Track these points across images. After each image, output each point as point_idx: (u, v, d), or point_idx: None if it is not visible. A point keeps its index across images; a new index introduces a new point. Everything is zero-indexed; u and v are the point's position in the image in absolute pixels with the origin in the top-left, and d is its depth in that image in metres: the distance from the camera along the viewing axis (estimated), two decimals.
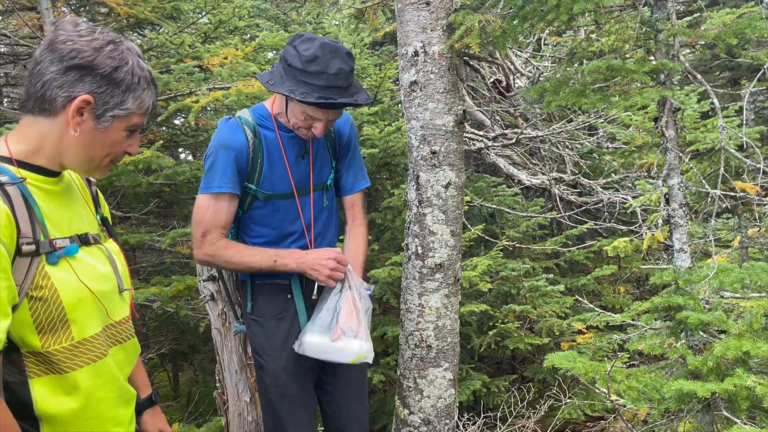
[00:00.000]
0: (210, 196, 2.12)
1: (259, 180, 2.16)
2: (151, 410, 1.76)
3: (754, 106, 8.69)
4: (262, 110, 2.21)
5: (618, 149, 5.60)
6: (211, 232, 2.14)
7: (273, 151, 2.15)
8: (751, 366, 2.10)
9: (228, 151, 2.08)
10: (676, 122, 2.34)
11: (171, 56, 3.60)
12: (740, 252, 3.80)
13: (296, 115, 2.06)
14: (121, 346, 1.44)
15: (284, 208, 2.23)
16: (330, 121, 2.10)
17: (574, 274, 5.35)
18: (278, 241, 2.25)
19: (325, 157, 2.31)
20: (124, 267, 1.49)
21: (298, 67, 1.97)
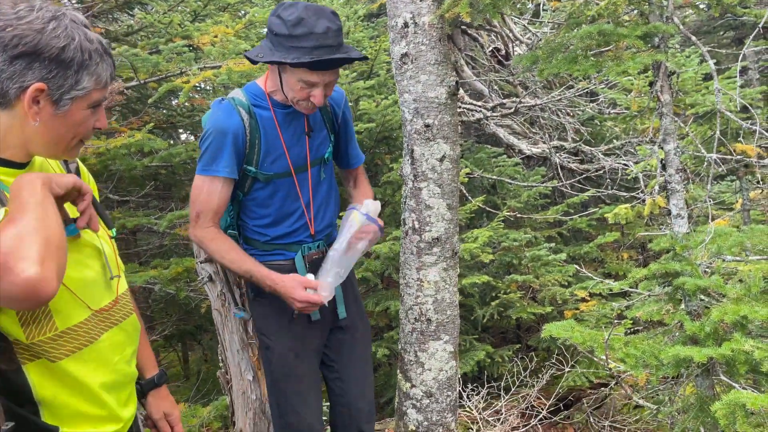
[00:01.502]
0: (205, 178, 2.10)
1: (258, 161, 2.12)
2: (156, 392, 1.74)
3: (759, 65, 8.54)
4: (255, 89, 2.16)
5: (619, 115, 5.54)
6: (203, 214, 2.12)
7: (269, 131, 2.12)
8: (750, 330, 2.09)
9: (224, 135, 2.03)
10: (672, 86, 2.30)
11: (160, 36, 3.56)
12: (742, 214, 3.76)
13: (292, 86, 2.00)
14: (119, 327, 1.42)
15: (284, 187, 2.20)
16: (328, 86, 2.03)
17: (577, 242, 5.34)
18: (280, 221, 2.22)
19: (322, 132, 2.27)
20: (111, 245, 1.45)
21: (284, 33, 1.91)
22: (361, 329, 2.44)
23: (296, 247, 2.26)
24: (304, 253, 2.25)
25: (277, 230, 2.23)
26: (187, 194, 3.98)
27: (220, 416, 3.14)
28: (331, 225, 2.36)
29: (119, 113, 3.72)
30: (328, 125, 2.29)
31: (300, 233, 2.26)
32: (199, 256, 2.70)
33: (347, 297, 2.39)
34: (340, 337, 2.39)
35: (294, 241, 2.26)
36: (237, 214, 2.31)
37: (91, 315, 1.33)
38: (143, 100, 3.78)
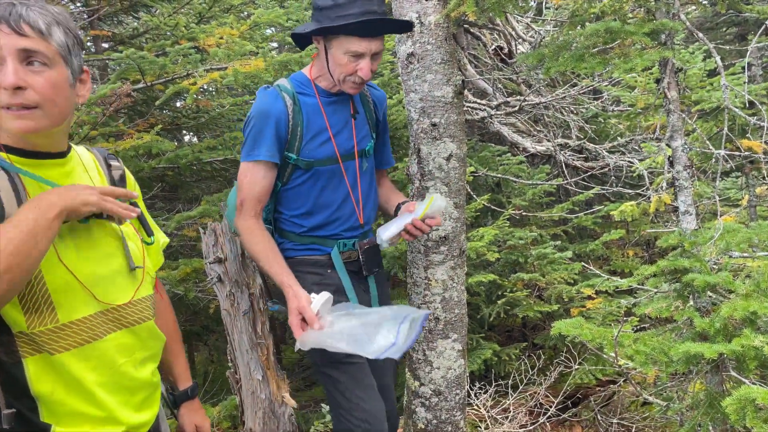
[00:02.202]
0: (248, 164, 2.09)
1: (299, 148, 2.12)
2: (189, 404, 1.76)
3: (763, 61, 8.53)
4: (301, 77, 2.18)
5: (623, 112, 5.54)
6: (246, 202, 2.11)
7: (313, 118, 2.13)
8: (759, 326, 2.09)
9: (267, 119, 2.05)
10: (679, 83, 2.30)
11: (166, 38, 3.57)
12: (749, 211, 3.76)
13: (338, 60, 2.02)
14: (129, 330, 1.40)
15: (326, 176, 2.17)
16: (375, 58, 2.03)
17: (582, 240, 5.34)
18: (317, 211, 2.20)
19: (365, 125, 2.29)
20: (139, 248, 1.47)
21: (329, 4, 1.96)
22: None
23: (331, 242, 2.22)
24: (340, 248, 2.22)
25: (314, 220, 2.20)
26: (194, 196, 4.00)
27: (230, 416, 3.16)
28: (369, 221, 2.33)
29: (126, 115, 3.74)
30: (371, 122, 2.31)
31: (338, 225, 2.22)
32: (209, 256, 2.72)
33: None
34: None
35: (330, 234, 2.22)
36: (273, 207, 2.28)
37: (98, 312, 1.33)
38: (149, 102, 3.79)
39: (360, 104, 2.26)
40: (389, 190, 2.47)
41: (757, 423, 1.74)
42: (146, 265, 1.49)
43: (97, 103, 2.77)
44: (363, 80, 2.05)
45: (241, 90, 4.70)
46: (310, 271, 2.21)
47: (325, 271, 2.21)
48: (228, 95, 4.73)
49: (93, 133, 2.85)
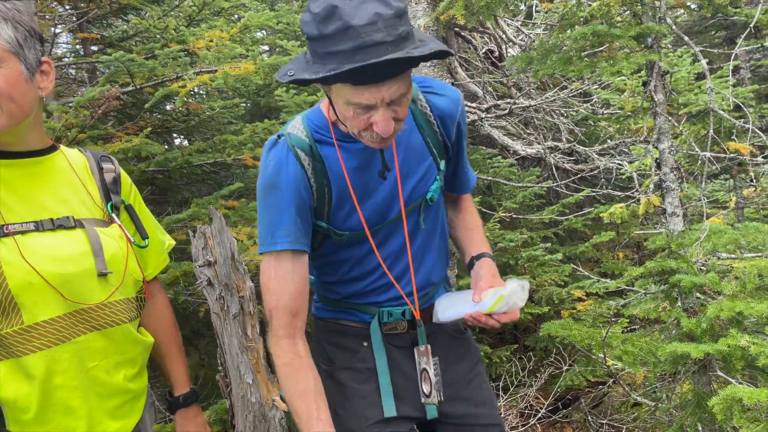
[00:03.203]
0: (268, 257, 1.55)
1: (329, 215, 1.58)
2: (183, 411, 1.72)
3: (751, 64, 8.61)
4: (318, 117, 1.57)
5: (612, 115, 5.58)
6: (275, 314, 1.55)
7: (339, 175, 1.55)
8: (746, 326, 2.12)
9: (280, 195, 1.51)
10: (665, 86, 2.32)
11: (156, 41, 3.57)
12: (736, 212, 3.80)
13: (344, 112, 1.40)
14: (102, 333, 1.37)
15: (365, 243, 1.62)
16: (397, 104, 1.37)
17: (573, 242, 5.37)
18: (354, 280, 1.68)
19: (422, 160, 1.61)
20: (122, 251, 1.43)
21: (314, 35, 1.31)
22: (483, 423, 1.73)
23: (374, 309, 1.67)
24: (382, 319, 1.66)
25: (350, 289, 1.69)
26: (184, 199, 3.99)
27: (220, 420, 3.15)
28: (428, 285, 1.71)
29: (115, 118, 3.73)
30: (435, 148, 1.64)
31: (380, 293, 1.67)
32: (198, 259, 2.71)
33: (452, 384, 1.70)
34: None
35: (371, 301, 1.68)
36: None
37: (68, 314, 1.31)
38: (139, 105, 3.79)
39: (413, 133, 1.60)
40: (468, 224, 1.79)
41: (744, 422, 1.75)
42: (130, 267, 1.45)
43: (85, 106, 2.76)
44: (384, 138, 1.41)
45: (231, 93, 4.69)
46: (341, 345, 1.72)
47: (360, 345, 1.69)
48: (218, 98, 4.73)
49: (81, 136, 2.84)
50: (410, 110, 1.57)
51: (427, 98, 1.60)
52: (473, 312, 1.51)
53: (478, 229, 1.77)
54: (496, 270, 1.62)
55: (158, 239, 1.67)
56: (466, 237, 1.75)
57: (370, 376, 1.65)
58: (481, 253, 1.67)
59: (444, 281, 1.78)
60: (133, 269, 1.48)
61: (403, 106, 1.39)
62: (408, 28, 1.31)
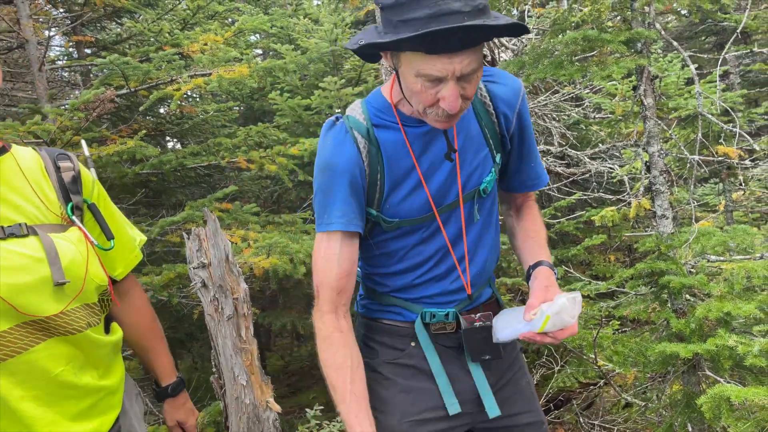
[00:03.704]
0: (321, 237, 1.55)
1: (380, 202, 1.56)
2: (171, 401, 1.73)
3: (740, 69, 8.71)
4: (378, 101, 1.56)
5: (604, 119, 5.63)
6: (322, 290, 1.55)
7: (396, 160, 1.53)
8: (734, 326, 2.15)
9: (335, 175, 1.51)
10: (655, 90, 2.36)
11: (150, 44, 3.58)
12: (725, 215, 3.84)
13: (411, 85, 1.36)
14: (62, 339, 1.32)
15: (419, 232, 1.60)
16: (466, 80, 1.34)
17: (565, 245, 5.40)
18: (406, 271, 1.64)
19: (479, 150, 1.59)
20: (81, 257, 1.34)
21: (389, 2, 1.30)
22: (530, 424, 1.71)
23: (418, 307, 1.64)
24: (425, 319, 1.63)
25: (398, 281, 1.65)
26: (178, 201, 4.00)
27: (214, 422, 3.15)
28: (477, 283, 1.67)
29: (109, 121, 3.74)
30: (492, 140, 1.60)
31: (427, 287, 1.64)
32: (192, 261, 2.72)
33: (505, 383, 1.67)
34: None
35: (418, 296, 1.65)
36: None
37: (19, 324, 1.25)
38: (132, 108, 3.79)
39: (471, 121, 1.58)
40: (529, 233, 1.71)
41: (732, 421, 1.78)
42: (92, 273, 1.37)
43: (80, 109, 2.77)
44: (450, 114, 1.38)
45: (225, 96, 4.71)
46: (387, 344, 1.68)
47: (407, 344, 1.65)
48: (212, 101, 4.74)
49: (75, 138, 2.84)
50: (473, 102, 1.55)
51: (487, 87, 1.57)
52: (526, 332, 1.46)
53: (539, 237, 1.67)
54: (552, 278, 1.53)
55: (127, 236, 1.60)
56: (526, 246, 1.67)
57: (416, 374, 1.63)
58: (538, 261, 1.58)
59: (490, 281, 1.73)
60: (95, 274, 1.39)
61: (473, 83, 1.36)
62: (485, 2, 1.29)
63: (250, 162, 3.61)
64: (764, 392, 1.69)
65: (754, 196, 4.46)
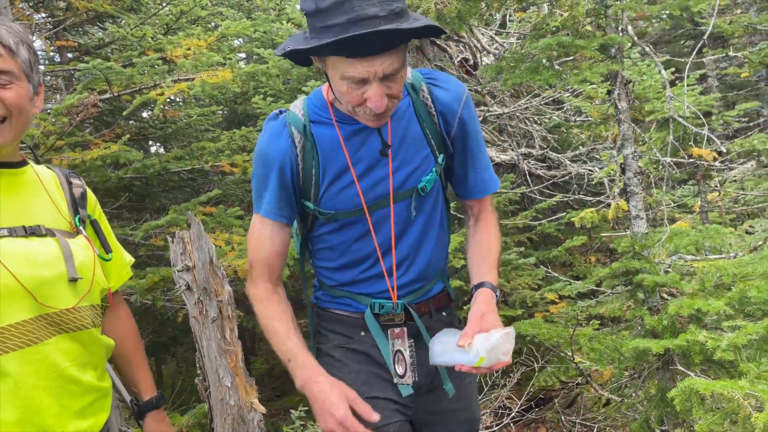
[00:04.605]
0: (256, 217, 1.64)
1: (317, 195, 1.61)
2: (153, 414, 1.77)
3: (716, 72, 8.87)
4: (318, 98, 1.62)
5: (584, 122, 5.73)
6: (255, 265, 1.64)
7: (331, 156, 1.58)
8: (705, 323, 2.22)
9: (268, 165, 1.58)
10: (629, 94, 2.43)
11: (133, 49, 3.60)
12: (701, 216, 3.94)
13: (338, 87, 1.43)
14: (70, 336, 1.42)
15: (356, 227, 1.63)
16: (391, 80, 1.40)
17: (546, 247, 5.48)
18: (349, 266, 1.68)
19: (419, 150, 1.61)
20: (90, 259, 1.48)
21: (312, 9, 1.37)
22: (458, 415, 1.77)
23: (366, 300, 1.67)
24: (374, 310, 1.65)
25: (345, 276, 1.70)
26: (161, 206, 4.02)
27: (198, 424, 3.17)
28: (423, 279, 1.70)
29: (92, 126, 3.74)
30: (434, 140, 1.63)
31: (375, 283, 1.67)
32: (177, 264, 2.74)
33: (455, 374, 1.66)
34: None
35: (366, 292, 1.68)
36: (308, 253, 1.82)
37: (38, 317, 1.35)
38: (115, 112, 3.80)
39: (412, 122, 1.61)
40: (480, 248, 1.70)
41: (702, 413, 1.84)
42: (97, 275, 1.50)
43: (63, 113, 2.78)
44: (378, 113, 1.43)
45: (209, 101, 4.73)
46: (338, 331, 1.72)
47: (357, 333, 1.69)
48: (195, 105, 4.75)
49: (59, 143, 2.85)
50: (411, 100, 1.60)
51: (430, 89, 1.62)
52: (462, 366, 1.47)
53: (490, 253, 1.67)
54: (492, 303, 1.54)
55: (121, 253, 1.72)
56: (473, 264, 1.67)
57: (366, 359, 1.67)
58: (481, 282, 1.59)
59: (442, 276, 1.77)
60: (100, 278, 1.52)
61: (397, 82, 1.42)
62: (402, 5, 1.36)
63: (233, 166, 3.64)
64: (731, 385, 1.75)
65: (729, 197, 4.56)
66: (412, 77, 1.61)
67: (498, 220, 1.77)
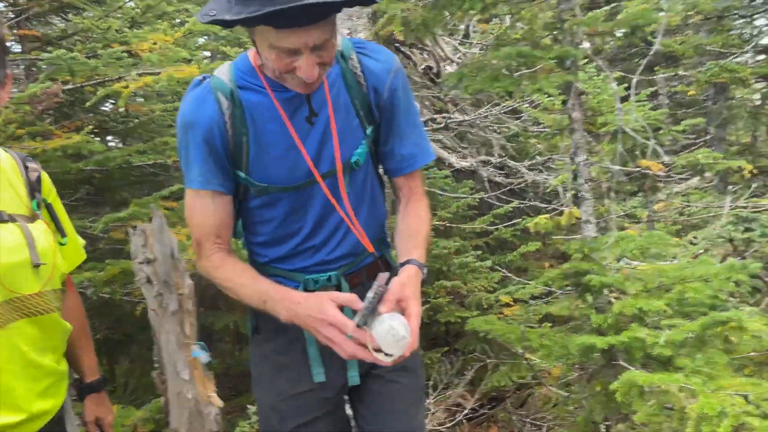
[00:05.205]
0: (191, 193, 1.56)
1: (248, 165, 1.53)
2: (94, 396, 1.83)
3: (666, 90, 9.25)
4: (244, 63, 1.53)
5: (541, 132, 5.92)
6: (204, 241, 1.57)
7: (263, 122, 1.50)
8: (647, 321, 2.36)
9: (193, 134, 1.49)
10: (582, 105, 2.56)
11: (97, 41, 3.58)
12: (648, 225, 4.13)
13: (267, 55, 1.36)
14: (31, 320, 1.45)
15: (290, 200, 1.58)
16: (322, 50, 1.34)
17: (503, 251, 5.63)
18: (279, 241, 1.64)
19: (349, 120, 1.56)
20: (50, 245, 1.51)
21: None
22: (403, 382, 1.72)
23: (299, 276, 1.65)
24: (308, 287, 1.63)
25: (275, 251, 1.66)
26: (122, 199, 3.98)
27: (153, 419, 3.16)
28: (356, 253, 1.66)
29: (52, 116, 3.70)
30: (363, 110, 1.57)
31: (307, 258, 1.64)
32: (137, 256, 2.74)
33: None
34: (372, 386, 1.73)
35: (299, 267, 1.65)
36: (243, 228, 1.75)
37: (4, 301, 1.38)
38: (76, 103, 3.76)
39: (341, 91, 1.55)
40: (410, 230, 1.64)
41: (641, 405, 1.97)
42: (57, 261, 1.53)
43: (25, 102, 2.76)
44: (306, 81, 1.38)
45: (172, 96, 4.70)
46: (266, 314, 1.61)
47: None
48: (158, 101, 4.72)
49: (19, 132, 2.82)
50: (340, 68, 1.54)
51: (359, 58, 1.56)
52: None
53: (419, 233, 1.62)
54: (414, 278, 1.47)
55: (75, 236, 1.75)
56: (401, 241, 1.62)
57: (291, 344, 1.64)
58: (407, 260, 1.53)
59: (380, 245, 1.73)
60: (59, 262, 1.55)
61: (329, 50, 1.36)
62: None
63: None
64: (668, 378, 1.88)
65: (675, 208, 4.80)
66: (341, 45, 1.55)
67: (430, 206, 1.72)
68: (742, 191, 5.23)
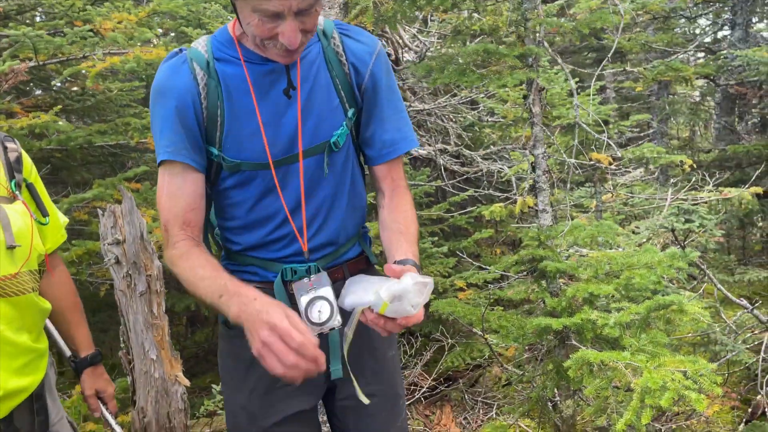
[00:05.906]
0: (161, 170, 1.46)
1: (221, 140, 1.45)
2: (90, 370, 1.85)
3: (614, 85, 9.61)
4: (223, 35, 1.47)
5: (496, 123, 6.10)
6: (171, 226, 1.45)
7: (238, 95, 1.44)
8: (597, 305, 2.54)
9: (165, 99, 1.42)
10: (542, 100, 2.71)
11: (59, 18, 3.50)
12: (596, 215, 4.36)
13: (248, 19, 1.29)
14: (7, 300, 1.45)
15: (263, 180, 1.49)
16: (305, 16, 1.29)
17: (457, 238, 5.81)
18: (253, 226, 1.54)
19: (329, 100, 1.50)
20: (27, 226, 1.50)
21: None
22: (380, 396, 1.64)
23: (277, 266, 1.55)
24: (286, 277, 1.53)
25: (249, 238, 1.56)
26: (82, 180, 3.94)
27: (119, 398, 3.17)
28: (335, 242, 1.59)
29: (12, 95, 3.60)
30: (344, 90, 1.52)
31: (284, 247, 1.55)
32: (107, 237, 2.75)
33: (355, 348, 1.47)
34: (346, 403, 1.66)
35: (274, 257, 1.56)
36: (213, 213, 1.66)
37: None
38: (35, 81, 3.68)
39: (322, 70, 1.49)
40: (399, 227, 1.54)
41: (591, 381, 2.14)
42: (35, 242, 1.53)
43: None
44: (289, 51, 1.33)
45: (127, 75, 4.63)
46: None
47: None
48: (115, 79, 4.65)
49: None
50: (322, 47, 1.49)
51: (341, 39, 1.52)
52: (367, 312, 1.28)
53: (409, 233, 1.53)
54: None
55: (57, 216, 1.76)
56: (392, 238, 1.52)
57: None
58: (404, 260, 1.42)
59: (360, 239, 1.68)
60: (37, 244, 1.55)
61: (313, 16, 1.31)
62: None
63: None
64: (616, 356, 2.06)
65: (620, 199, 5.06)
66: (324, 24, 1.51)
67: (413, 199, 1.65)
68: (682, 184, 5.56)
